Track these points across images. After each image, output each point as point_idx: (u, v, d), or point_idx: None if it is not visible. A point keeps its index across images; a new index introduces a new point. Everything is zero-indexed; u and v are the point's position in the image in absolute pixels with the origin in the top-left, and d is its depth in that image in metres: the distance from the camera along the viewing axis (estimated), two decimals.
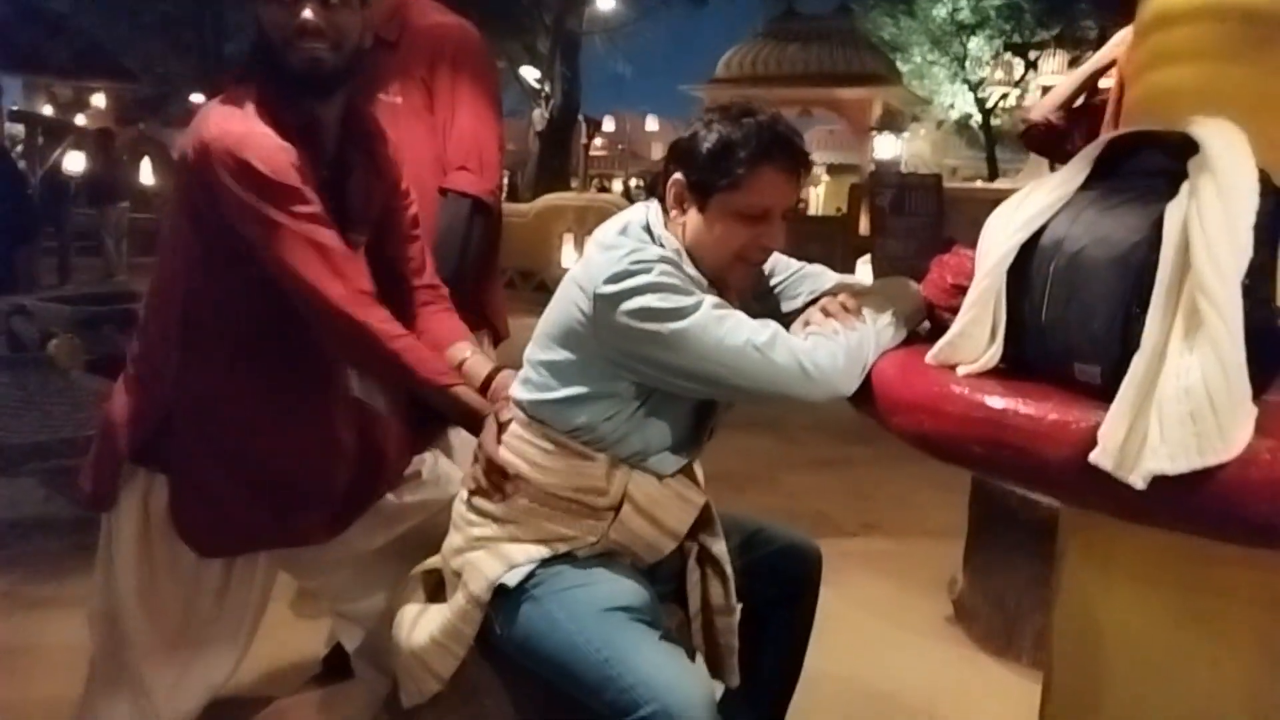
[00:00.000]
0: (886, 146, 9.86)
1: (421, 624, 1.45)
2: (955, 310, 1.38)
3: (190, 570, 1.51)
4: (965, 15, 13.01)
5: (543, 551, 1.40)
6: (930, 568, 3.00)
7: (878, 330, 1.28)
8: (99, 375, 3.93)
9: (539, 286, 9.89)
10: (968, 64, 13.60)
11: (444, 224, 1.88)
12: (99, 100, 15.35)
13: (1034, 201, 1.05)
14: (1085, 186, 1.03)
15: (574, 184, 14.91)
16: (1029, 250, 1.04)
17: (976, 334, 1.08)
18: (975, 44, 13.23)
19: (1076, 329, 0.97)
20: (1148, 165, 1.00)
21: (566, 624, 1.33)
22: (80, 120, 13.37)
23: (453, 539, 1.49)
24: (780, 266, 1.59)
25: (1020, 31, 12.38)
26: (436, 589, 1.55)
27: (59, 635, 2.36)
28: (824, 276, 1.57)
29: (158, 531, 1.49)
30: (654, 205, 1.43)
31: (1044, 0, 11.99)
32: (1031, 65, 8.57)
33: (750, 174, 1.33)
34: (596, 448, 1.39)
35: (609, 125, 20.72)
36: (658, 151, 27.80)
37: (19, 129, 12.98)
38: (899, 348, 1.29)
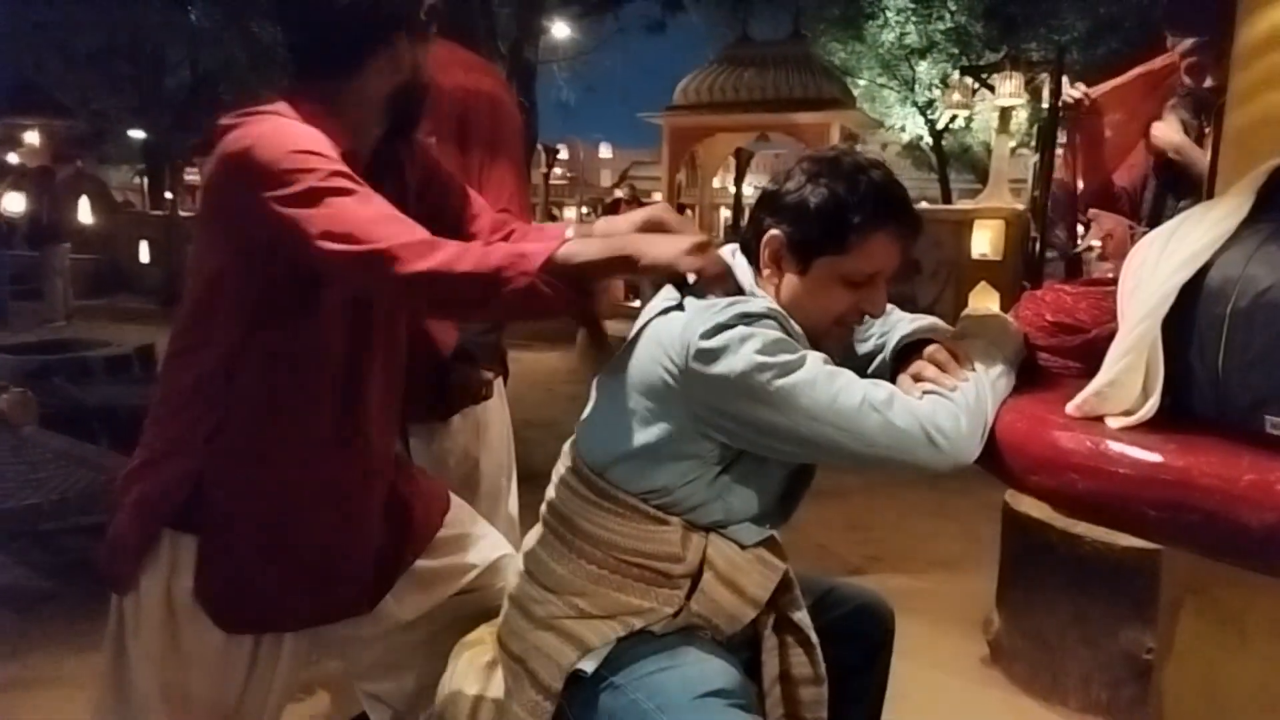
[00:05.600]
0: None
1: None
2: (1054, 350, 1.30)
3: (217, 658, 1.37)
4: (913, 40, 13.24)
5: (616, 629, 1.26)
6: (956, 604, 2.91)
7: (992, 382, 1.17)
8: (52, 431, 3.70)
9: None
10: (916, 87, 13.84)
11: None
12: (32, 138, 14.80)
13: (1190, 237, 0.96)
14: (1250, 220, 0.94)
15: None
16: (1189, 291, 0.94)
17: (1130, 383, 0.98)
18: (923, 68, 13.49)
19: (1268, 378, 0.87)
20: None
21: (657, 716, 1.19)
22: (15, 159, 12.87)
23: (511, 619, 1.34)
24: None
25: (968, 55, 12.66)
26: (488, 671, 1.39)
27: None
28: (895, 315, 1.45)
29: (184, 617, 1.35)
30: (740, 258, 1.31)
31: (991, 25, 12.31)
32: (987, 87, 8.70)
33: (863, 239, 1.22)
34: (670, 511, 1.26)
35: (564, 153, 20.65)
36: (608, 179, 27.87)
37: None
38: (1013, 395, 1.18)
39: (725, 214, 20.19)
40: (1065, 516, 2.18)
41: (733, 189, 16.28)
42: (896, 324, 1.42)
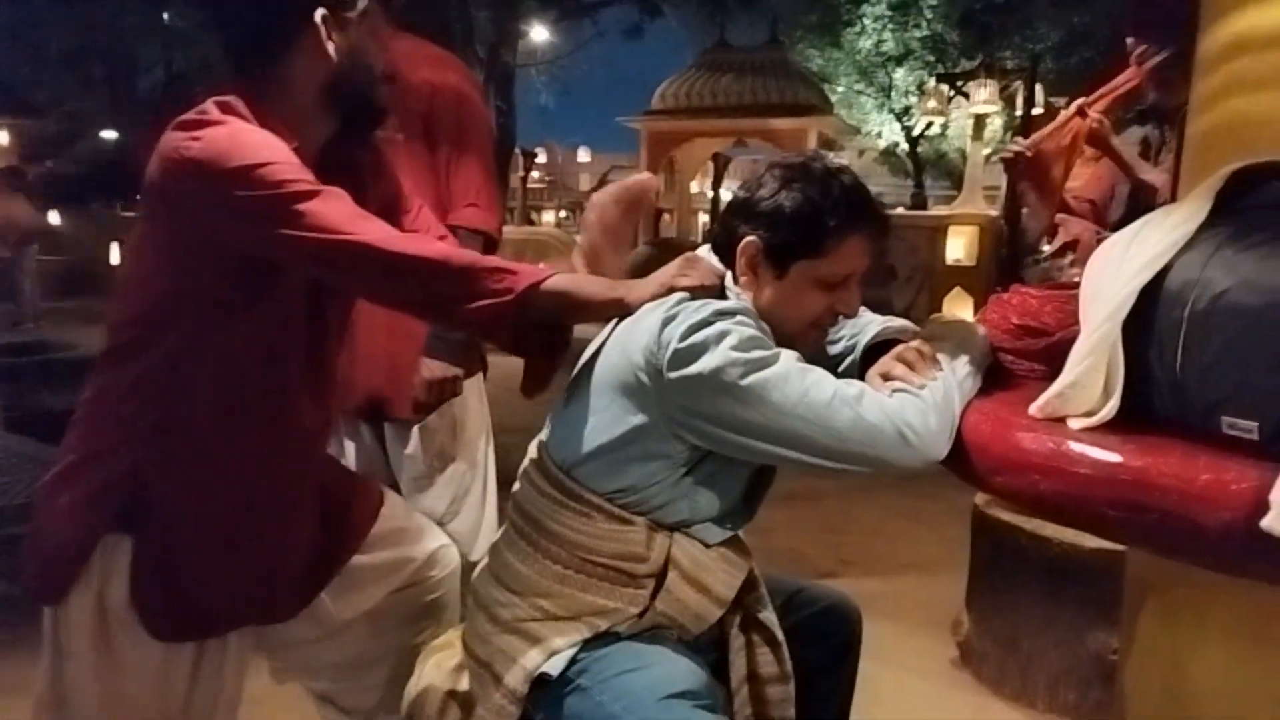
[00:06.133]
0: None
1: None
2: (1019, 353, 1.31)
3: (157, 666, 1.31)
4: (889, 47, 13.36)
5: (582, 631, 1.26)
6: (927, 607, 2.92)
7: (959, 381, 1.18)
8: (19, 434, 3.64)
9: None
10: (893, 94, 13.97)
11: None
12: (1, 137, 14.62)
13: (1150, 241, 0.97)
14: (1207, 224, 0.95)
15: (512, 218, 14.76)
16: (1148, 294, 0.95)
17: (1092, 384, 0.98)
18: (900, 74, 13.61)
19: (1225, 380, 0.88)
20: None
21: (623, 718, 1.18)
22: None
23: (476, 622, 1.34)
24: None
25: (944, 62, 12.79)
26: (455, 675, 1.38)
27: None
28: (865, 317, 1.46)
29: (117, 625, 1.29)
30: (714, 259, 1.31)
31: (967, 33, 12.45)
32: (962, 94, 8.82)
33: (839, 242, 1.24)
34: (636, 511, 1.26)
35: (542, 157, 20.60)
36: (586, 183, 27.88)
37: None
38: (978, 397, 1.19)
39: (703, 219, 20.26)
40: (1029, 517, 2.20)
41: (710, 194, 16.33)
42: (867, 325, 1.44)
